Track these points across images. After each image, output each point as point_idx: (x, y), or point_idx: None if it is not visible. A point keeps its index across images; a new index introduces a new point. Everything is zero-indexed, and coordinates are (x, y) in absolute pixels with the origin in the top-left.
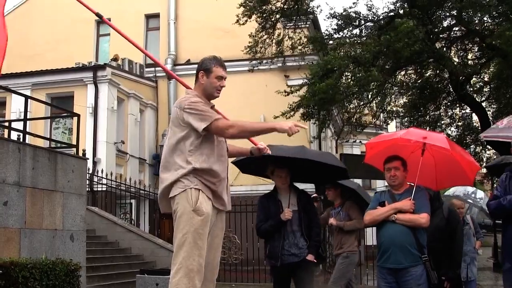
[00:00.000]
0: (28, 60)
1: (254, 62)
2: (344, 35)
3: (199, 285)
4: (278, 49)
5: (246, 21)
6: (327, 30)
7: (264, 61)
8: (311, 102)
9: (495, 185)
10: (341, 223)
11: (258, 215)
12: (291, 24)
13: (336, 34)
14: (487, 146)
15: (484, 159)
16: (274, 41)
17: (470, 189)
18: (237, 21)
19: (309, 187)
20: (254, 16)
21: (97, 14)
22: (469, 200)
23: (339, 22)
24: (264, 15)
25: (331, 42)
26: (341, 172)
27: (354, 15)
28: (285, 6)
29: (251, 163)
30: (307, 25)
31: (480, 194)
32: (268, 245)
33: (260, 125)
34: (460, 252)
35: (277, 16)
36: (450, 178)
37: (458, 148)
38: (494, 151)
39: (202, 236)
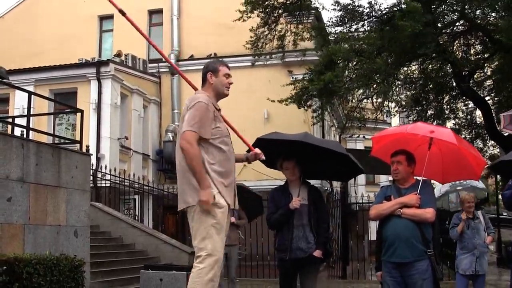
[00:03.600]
0: (32, 58)
1: (256, 57)
2: (346, 29)
3: (218, 275)
4: (279, 44)
5: (249, 17)
6: (329, 21)
7: (263, 56)
8: (315, 88)
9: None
10: (239, 221)
11: (269, 207)
12: (294, 19)
13: (339, 27)
14: (491, 141)
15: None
16: (275, 36)
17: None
18: (240, 18)
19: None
20: (256, 12)
21: (120, 11)
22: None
23: (343, 15)
24: (267, 10)
25: (333, 34)
26: (347, 161)
27: (357, 9)
28: (287, 2)
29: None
30: (310, 20)
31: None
32: (277, 237)
33: (200, 170)
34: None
35: (280, 11)
36: (457, 172)
37: (465, 142)
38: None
39: (222, 228)
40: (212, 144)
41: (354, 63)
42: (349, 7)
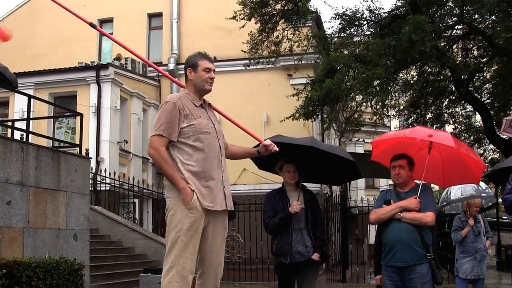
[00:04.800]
0: (31, 60)
1: (252, 61)
2: (347, 35)
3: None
4: (276, 49)
5: (245, 24)
6: (332, 27)
7: (262, 61)
8: (317, 96)
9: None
10: None
11: (266, 211)
12: (291, 25)
13: (340, 34)
14: (490, 145)
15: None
16: (272, 42)
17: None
18: (234, 17)
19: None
20: (253, 19)
21: (91, 24)
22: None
23: (343, 22)
24: (265, 17)
25: (334, 40)
26: (350, 166)
27: (357, 15)
28: (285, 8)
29: (266, 159)
30: (309, 25)
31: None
32: (276, 242)
33: (171, 173)
34: None
35: (277, 18)
36: (457, 176)
37: (464, 146)
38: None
39: (195, 235)
40: (185, 143)
41: (354, 69)
42: (348, 13)
